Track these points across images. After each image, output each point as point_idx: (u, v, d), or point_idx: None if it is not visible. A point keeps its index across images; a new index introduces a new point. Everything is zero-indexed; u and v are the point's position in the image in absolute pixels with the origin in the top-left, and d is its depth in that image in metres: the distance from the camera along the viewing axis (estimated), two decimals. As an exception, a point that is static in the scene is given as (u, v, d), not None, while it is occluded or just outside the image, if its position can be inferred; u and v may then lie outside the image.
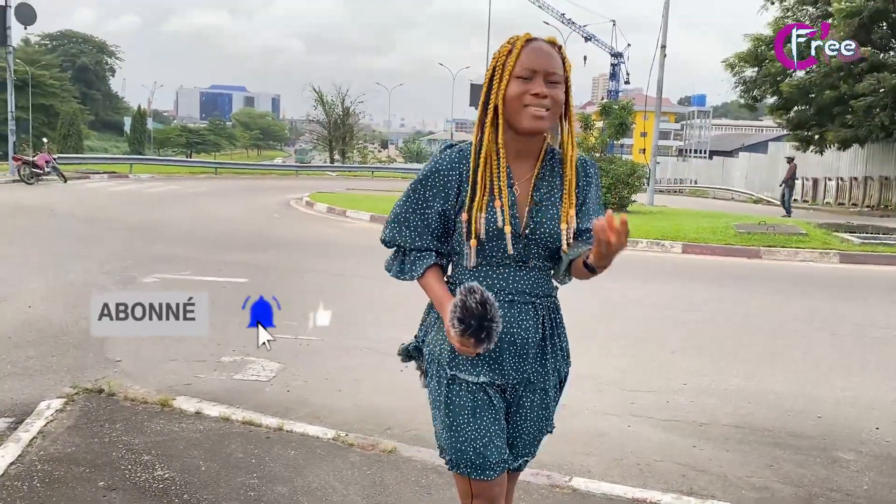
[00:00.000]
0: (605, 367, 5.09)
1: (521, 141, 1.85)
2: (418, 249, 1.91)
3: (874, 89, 21.91)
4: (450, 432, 1.87)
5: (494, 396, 1.89)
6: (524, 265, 1.87)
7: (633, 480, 3.33)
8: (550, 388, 1.97)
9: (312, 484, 3.08)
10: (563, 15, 64.61)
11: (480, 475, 1.86)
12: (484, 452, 1.85)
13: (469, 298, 1.70)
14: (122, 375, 4.55)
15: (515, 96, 1.78)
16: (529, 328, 1.88)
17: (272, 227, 14.47)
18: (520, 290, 1.87)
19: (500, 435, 1.89)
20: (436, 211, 1.88)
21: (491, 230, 1.82)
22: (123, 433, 3.50)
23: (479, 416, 1.86)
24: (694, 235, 12.47)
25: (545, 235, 1.85)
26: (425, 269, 1.90)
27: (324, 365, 5.03)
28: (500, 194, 1.82)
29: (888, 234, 13.33)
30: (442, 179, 1.87)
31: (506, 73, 1.79)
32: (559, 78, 1.81)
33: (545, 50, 1.81)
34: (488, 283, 1.85)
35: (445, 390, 1.88)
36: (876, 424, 4.19)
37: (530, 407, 1.95)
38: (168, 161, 41.62)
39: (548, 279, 1.94)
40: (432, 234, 1.90)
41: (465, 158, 1.88)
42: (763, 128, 71.41)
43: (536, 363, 1.92)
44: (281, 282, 8.34)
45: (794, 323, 6.78)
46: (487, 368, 1.87)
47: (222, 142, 79.81)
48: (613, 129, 18.04)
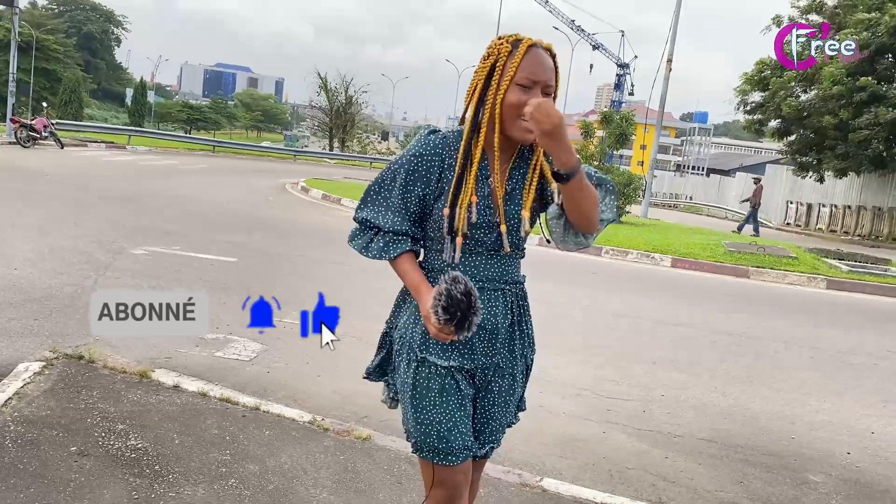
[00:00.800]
0: (586, 374, 5.11)
1: (505, 139, 1.87)
2: (395, 232, 1.92)
3: (871, 123, 22.04)
4: (416, 414, 1.90)
5: (462, 382, 1.92)
6: (496, 253, 1.91)
7: (604, 486, 3.35)
8: (518, 374, 2.01)
9: (284, 465, 3.08)
10: (573, 21, 64.72)
11: (443, 460, 1.88)
12: (448, 437, 1.87)
13: (454, 288, 1.73)
14: (103, 344, 4.53)
15: (514, 105, 1.79)
16: (499, 314, 1.92)
17: (266, 209, 14.44)
18: (490, 278, 1.91)
19: (465, 421, 1.91)
20: (416, 195, 1.90)
21: (470, 224, 1.86)
22: (100, 400, 3.50)
23: (445, 401, 1.88)
24: (684, 250, 12.52)
25: (513, 223, 1.90)
26: (401, 252, 1.92)
27: (306, 349, 5.01)
28: (473, 189, 1.86)
29: (876, 263, 13.42)
30: (425, 165, 1.89)
31: (506, 78, 1.80)
32: (551, 90, 1.84)
33: (545, 60, 1.82)
34: (461, 269, 1.88)
35: (413, 372, 1.91)
36: (848, 450, 4.23)
37: (498, 392, 1.99)
38: (167, 135, 41.42)
39: (517, 266, 1.98)
40: (410, 217, 1.92)
41: (448, 146, 1.90)
42: (762, 150, 71.69)
43: (505, 349, 1.96)
44: (270, 264, 8.33)
45: (776, 344, 6.82)
46: (458, 353, 1.90)
47: (223, 121, 79.50)
48: (613, 139, 18.08)
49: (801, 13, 26.31)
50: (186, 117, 70.13)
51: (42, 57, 50.56)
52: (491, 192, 1.87)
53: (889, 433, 4.60)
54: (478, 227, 1.86)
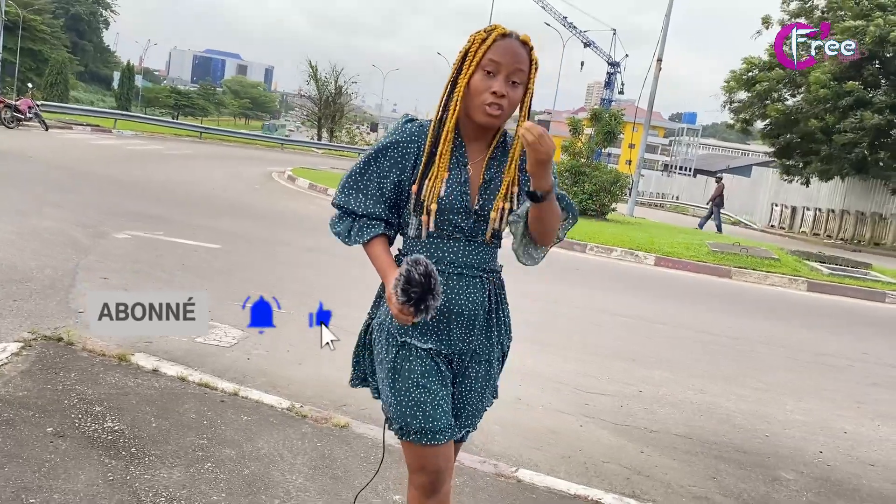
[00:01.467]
0: (565, 369, 5.14)
1: (476, 125, 1.92)
2: (369, 217, 1.96)
3: (856, 127, 22.25)
4: (398, 398, 1.91)
5: (442, 364, 1.95)
6: (473, 240, 1.94)
7: (578, 478, 3.38)
8: (494, 360, 2.04)
9: (261, 450, 3.09)
10: (566, 18, 64.77)
11: (431, 440, 1.89)
12: (433, 415, 1.89)
13: (414, 270, 1.75)
14: (82, 326, 4.51)
15: (477, 90, 1.85)
16: (476, 301, 1.95)
17: (251, 197, 14.39)
18: (468, 264, 1.94)
19: (447, 401, 1.95)
20: (392, 181, 1.94)
21: (442, 204, 1.89)
22: (77, 382, 3.49)
23: (428, 381, 1.91)
24: (668, 249, 12.60)
25: (490, 212, 1.92)
26: (373, 237, 1.96)
27: (287, 337, 5.02)
28: (447, 169, 1.90)
29: (857, 267, 13.57)
30: (401, 151, 1.94)
31: (474, 62, 1.85)
32: (522, 78, 1.87)
33: (514, 48, 1.86)
34: (438, 255, 1.92)
35: (395, 355, 1.93)
36: (820, 448, 4.28)
37: (475, 377, 2.01)
38: (154, 120, 41.03)
39: (495, 255, 2.01)
40: (385, 203, 1.96)
41: (424, 134, 1.94)
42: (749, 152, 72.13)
43: (482, 335, 1.99)
44: (253, 251, 8.31)
45: (754, 344, 6.89)
46: (436, 338, 1.94)
47: (210, 107, 79.04)
48: (601, 137, 18.14)
49: (790, 17, 26.46)
50: (174, 102, 69.62)
51: (28, 37, 49.90)
52: (468, 179, 1.91)
53: (861, 433, 4.67)
54: (453, 211, 1.89)
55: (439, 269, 1.90)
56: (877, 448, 4.44)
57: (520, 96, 1.89)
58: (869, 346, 7.43)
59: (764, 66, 26.04)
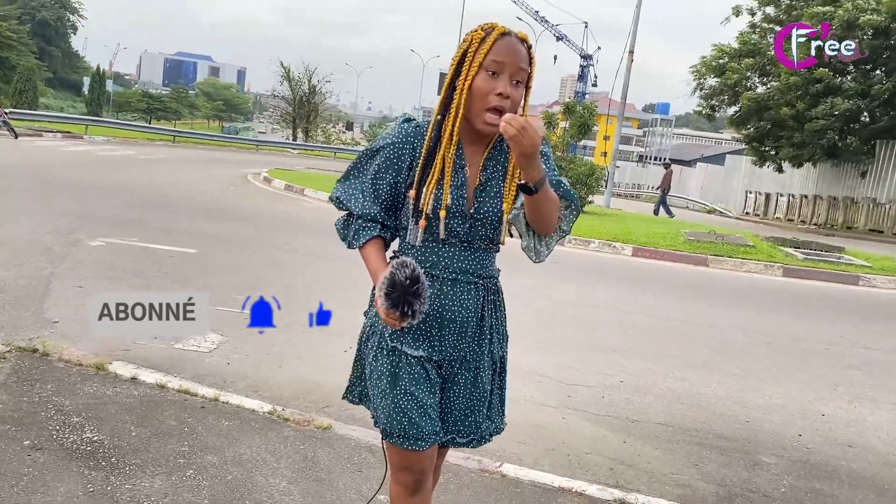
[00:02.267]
0: (547, 362, 5.17)
1: (473, 127, 1.88)
2: (364, 218, 1.93)
3: (826, 113, 22.56)
4: (386, 402, 1.90)
5: (431, 371, 1.93)
6: (469, 245, 1.91)
7: (562, 470, 3.40)
8: (483, 368, 2.00)
9: (244, 455, 3.07)
10: (538, 12, 64.95)
11: (413, 445, 1.89)
12: (419, 422, 1.88)
13: (399, 273, 1.73)
14: (58, 337, 4.46)
15: (481, 93, 1.81)
16: (470, 307, 1.92)
17: (227, 199, 14.27)
18: (464, 270, 1.91)
19: (434, 408, 1.93)
20: (387, 182, 1.92)
21: (438, 209, 1.85)
22: (54, 394, 3.44)
23: (416, 388, 1.90)
24: (645, 240, 12.68)
25: (489, 215, 1.89)
26: (367, 239, 1.93)
27: (267, 340, 4.99)
28: (447, 177, 1.86)
29: (830, 251, 13.75)
30: (397, 152, 1.91)
31: (476, 62, 1.81)
32: (523, 77, 1.84)
33: (516, 47, 1.83)
34: (433, 260, 1.89)
35: (386, 360, 1.91)
36: (799, 432, 4.34)
37: (464, 384, 1.99)
38: (126, 125, 40.56)
39: (492, 260, 1.98)
40: (381, 204, 1.93)
41: (420, 135, 1.91)
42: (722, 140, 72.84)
43: (474, 342, 1.97)
44: (231, 254, 8.25)
45: (732, 330, 6.97)
46: (427, 344, 1.91)
47: (183, 110, 78.24)
48: (576, 130, 18.20)
49: (759, 4, 26.74)
50: (146, 107, 68.82)
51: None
52: (465, 182, 1.89)
53: (839, 415, 4.74)
54: (451, 215, 1.86)
55: (434, 275, 1.89)
56: (854, 429, 4.51)
57: (521, 94, 1.85)
58: (844, 329, 7.54)
59: (734, 54, 26.30)
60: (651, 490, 3.31)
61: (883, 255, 13.98)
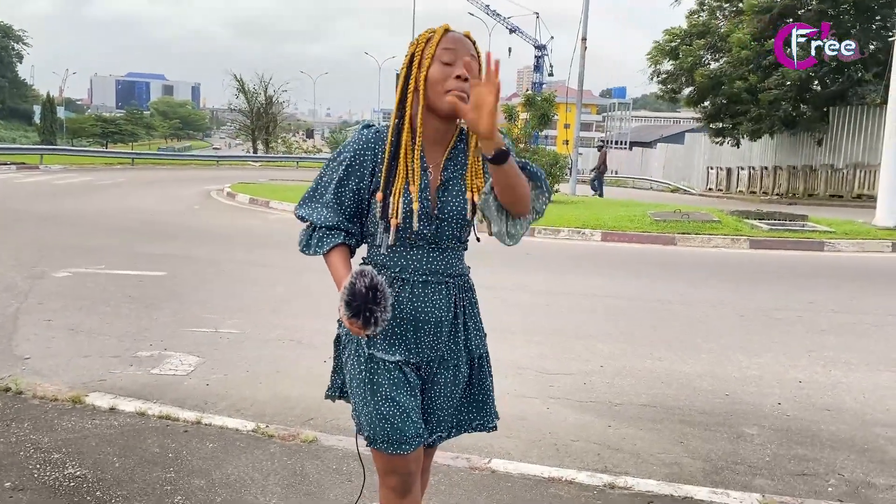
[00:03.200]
0: (526, 354, 5.19)
1: (437, 127, 1.90)
2: (328, 227, 1.93)
3: (779, 83, 22.94)
4: (368, 409, 1.90)
5: (410, 374, 1.94)
6: (436, 246, 1.92)
7: (550, 460, 3.43)
8: (463, 365, 2.02)
9: (231, 476, 3.05)
10: (488, 6, 65.10)
11: (398, 450, 1.89)
12: (402, 428, 1.89)
13: (359, 282, 1.73)
14: (31, 373, 4.39)
15: (438, 79, 1.82)
16: (442, 307, 1.93)
17: (192, 218, 14.12)
18: (433, 271, 1.92)
19: (416, 410, 1.94)
20: (350, 189, 1.92)
21: (406, 213, 1.86)
22: (31, 432, 3.38)
23: (396, 393, 1.90)
24: (612, 224, 12.80)
25: (452, 213, 1.90)
26: (332, 247, 1.93)
27: (244, 357, 4.96)
28: (414, 177, 1.87)
29: (794, 220, 14.00)
30: (358, 159, 1.91)
31: (426, 58, 1.83)
32: (474, 62, 1.84)
33: (463, 40, 1.87)
34: (402, 263, 1.90)
35: (363, 368, 1.91)
36: (778, 401, 4.42)
37: (444, 384, 2.00)
38: (82, 151, 39.88)
39: (460, 260, 1.99)
40: (344, 212, 1.93)
41: (381, 140, 1.92)
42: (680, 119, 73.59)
43: (450, 341, 1.98)
44: (201, 274, 8.16)
45: (705, 306, 7.07)
46: (403, 347, 1.92)
47: (140, 131, 77.19)
48: (537, 121, 18.31)
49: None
50: (101, 131, 67.80)
51: (-63, 79, 47.98)
52: (428, 184, 1.89)
53: (815, 381, 4.83)
54: (417, 218, 1.86)
55: (404, 278, 1.89)
56: (830, 393, 4.60)
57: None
58: (813, 296, 7.68)
59: (685, 35, 26.63)
60: (639, 472, 3.35)
61: (845, 220, 14.27)
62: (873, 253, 11.46)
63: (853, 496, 3.18)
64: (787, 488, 3.24)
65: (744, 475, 3.37)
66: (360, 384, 1.92)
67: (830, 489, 3.25)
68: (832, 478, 3.37)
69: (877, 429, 4.01)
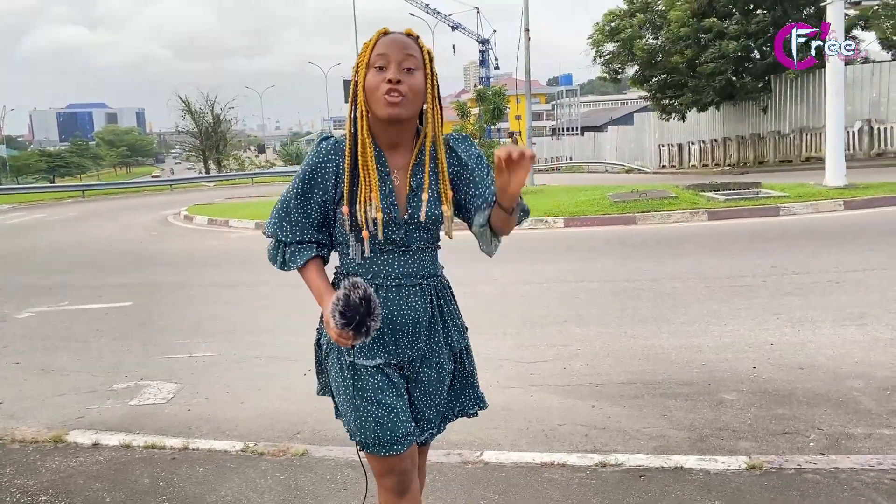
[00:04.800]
0: (503, 345, 5.24)
1: (391, 131, 1.91)
2: (298, 242, 1.95)
3: (716, 56, 23.40)
4: (357, 414, 1.92)
5: (393, 375, 1.96)
6: (407, 249, 1.94)
7: (540, 446, 3.47)
8: (446, 362, 2.05)
9: (226, 498, 3.03)
10: (428, 5, 65.18)
11: (390, 451, 1.92)
12: (391, 428, 1.91)
13: (353, 294, 1.74)
14: (6, 418, 4.29)
15: (373, 86, 1.84)
16: (419, 308, 1.95)
17: (151, 245, 13.90)
18: (406, 274, 1.94)
19: (404, 410, 1.96)
20: (316, 202, 1.93)
21: (372, 220, 1.87)
22: (15, 476, 3.32)
23: (382, 396, 1.92)
24: (574, 209, 12.94)
25: (424, 219, 1.92)
26: (306, 260, 1.95)
27: (223, 378, 4.92)
28: (373, 186, 1.88)
29: (749, 188, 14.30)
30: (320, 172, 1.92)
31: (363, 64, 1.86)
32: (416, 64, 1.86)
33: (399, 39, 1.87)
34: (375, 269, 1.91)
35: (348, 375, 1.93)
36: (753, 364, 4.53)
37: (428, 381, 2.03)
38: (29, 188, 39.01)
39: (433, 260, 2.01)
40: (313, 226, 1.95)
41: (340, 151, 1.93)
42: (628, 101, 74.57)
43: (430, 340, 2.00)
44: (167, 300, 8.06)
45: (672, 281, 7.19)
46: (382, 350, 1.94)
47: (87, 163, 75.78)
48: (489, 115, 18.43)
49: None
50: (46, 166, 66.35)
51: None
52: (393, 190, 1.91)
53: (785, 342, 4.96)
54: (384, 224, 1.88)
55: (377, 283, 1.91)
56: (801, 352, 4.73)
57: (420, 82, 1.86)
58: (774, 260, 7.86)
59: (625, 15, 26.99)
60: (628, 447, 3.41)
61: (796, 183, 14.61)
62: (826, 213, 11.77)
63: (834, 448, 3.28)
64: (771, 448, 3.32)
65: (728, 440, 3.46)
66: (346, 391, 1.94)
67: (812, 444, 3.35)
68: (812, 433, 3.47)
69: (848, 381, 4.13)
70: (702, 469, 3.08)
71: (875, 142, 22.07)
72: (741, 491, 2.87)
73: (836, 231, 10.13)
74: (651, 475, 3.05)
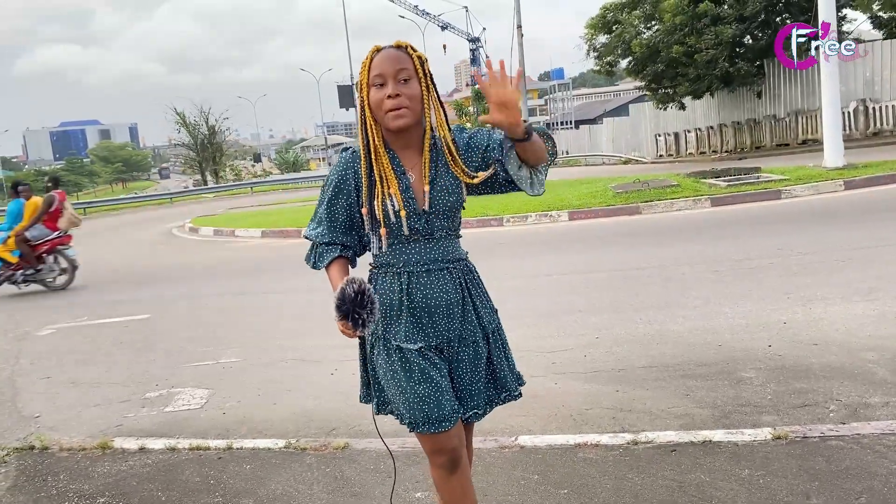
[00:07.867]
0: (524, 337, 5.36)
1: (401, 135, 2.10)
2: (325, 244, 2.17)
3: (714, 43, 23.51)
4: (405, 396, 2.09)
5: (434, 357, 2.13)
6: (431, 237, 2.12)
7: (571, 430, 3.60)
8: (480, 341, 2.21)
9: (277, 491, 3.16)
10: (417, 7, 65.25)
11: (438, 428, 2.08)
12: (438, 405, 2.08)
13: (348, 287, 1.94)
14: (46, 430, 4.42)
15: (376, 104, 2.04)
16: (449, 290, 2.13)
17: (161, 258, 14.04)
18: (433, 259, 2.12)
19: (448, 388, 2.13)
20: (342, 207, 2.15)
21: (397, 212, 2.06)
22: (70, 482, 3.45)
23: (427, 376, 2.08)
24: (577, 202, 13.07)
25: (444, 208, 2.11)
26: (330, 261, 2.16)
27: (252, 382, 5.05)
28: (392, 183, 2.06)
29: (749, 173, 14.43)
30: (343, 178, 2.15)
31: (364, 84, 2.07)
32: (409, 73, 2.05)
33: (391, 55, 2.05)
34: (405, 258, 2.10)
35: (395, 359, 2.10)
36: (768, 343, 4.67)
37: (467, 360, 2.19)
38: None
39: (456, 246, 2.19)
40: (339, 229, 2.17)
41: (357, 159, 2.15)
42: (621, 92, 74.64)
43: (464, 320, 2.17)
44: (185, 310, 8.19)
45: (680, 267, 7.32)
46: (422, 334, 2.11)
47: (82, 180, 75.91)
48: (486, 113, 18.54)
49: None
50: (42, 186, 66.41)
51: None
52: (410, 185, 2.08)
53: (797, 319, 5.09)
54: (406, 217, 2.06)
55: (409, 271, 2.09)
56: (814, 329, 4.86)
57: (416, 89, 2.04)
58: (780, 242, 8.00)
59: (619, 9, 27.09)
60: (655, 426, 3.54)
61: (796, 166, 14.75)
62: (828, 194, 11.91)
63: (854, 416, 3.41)
64: (793, 419, 3.46)
65: (751, 415, 3.59)
66: (394, 375, 2.10)
67: (832, 414, 3.48)
68: (831, 404, 3.60)
69: (862, 354, 4.27)
70: (730, 441, 3.21)
71: (871, 121, 22.19)
72: (769, 459, 3.01)
73: (839, 211, 10.27)
74: (682, 449, 3.18)
